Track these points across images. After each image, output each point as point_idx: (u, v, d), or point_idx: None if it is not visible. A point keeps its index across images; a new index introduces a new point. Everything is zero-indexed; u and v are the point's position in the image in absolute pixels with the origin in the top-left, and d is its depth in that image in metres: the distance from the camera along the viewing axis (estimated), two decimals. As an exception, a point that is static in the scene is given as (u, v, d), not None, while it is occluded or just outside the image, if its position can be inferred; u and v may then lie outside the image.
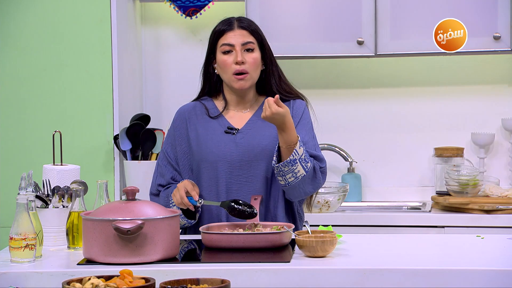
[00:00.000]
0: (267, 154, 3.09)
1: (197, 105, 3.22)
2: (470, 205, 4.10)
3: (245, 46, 3.10)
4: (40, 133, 4.22)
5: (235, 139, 3.12)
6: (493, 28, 4.16)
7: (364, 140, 4.63)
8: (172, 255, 2.62)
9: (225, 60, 3.10)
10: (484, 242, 2.87)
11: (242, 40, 3.11)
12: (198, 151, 3.13)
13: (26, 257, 2.62)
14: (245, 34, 3.12)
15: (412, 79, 4.60)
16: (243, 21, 3.15)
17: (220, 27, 3.15)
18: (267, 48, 3.17)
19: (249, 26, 3.14)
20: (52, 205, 2.96)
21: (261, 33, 3.17)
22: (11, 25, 4.25)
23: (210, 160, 3.10)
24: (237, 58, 3.08)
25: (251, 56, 3.11)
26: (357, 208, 4.45)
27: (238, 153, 3.10)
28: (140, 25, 4.68)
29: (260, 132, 3.13)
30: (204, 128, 3.16)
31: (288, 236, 2.79)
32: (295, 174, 2.98)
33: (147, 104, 4.70)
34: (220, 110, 3.18)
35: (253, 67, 3.10)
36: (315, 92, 4.58)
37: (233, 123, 3.16)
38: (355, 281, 2.45)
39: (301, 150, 2.97)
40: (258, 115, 3.16)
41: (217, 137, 3.13)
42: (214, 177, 3.10)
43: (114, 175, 4.25)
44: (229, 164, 3.09)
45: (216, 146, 3.11)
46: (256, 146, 3.10)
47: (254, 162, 3.09)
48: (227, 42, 3.11)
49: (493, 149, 4.54)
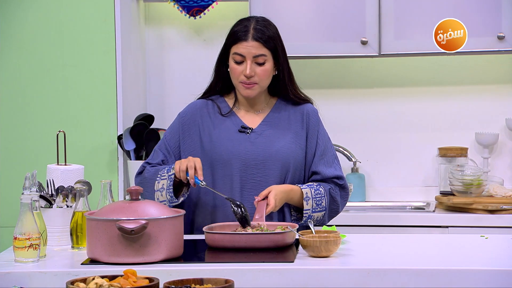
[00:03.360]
0: (282, 156, 3.10)
1: (209, 103, 3.21)
2: (474, 205, 4.09)
3: (256, 59, 3.07)
4: (44, 133, 4.23)
5: (250, 139, 3.13)
6: (497, 28, 4.16)
7: (368, 140, 4.63)
8: (176, 255, 2.62)
9: (235, 68, 3.09)
10: (488, 242, 2.87)
11: (254, 53, 3.06)
12: (211, 148, 3.12)
13: (30, 257, 2.62)
14: (258, 46, 3.07)
15: (416, 79, 4.60)
16: (258, 31, 3.08)
17: (236, 33, 3.09)
18: (282, 56, 3.13)
19: (262, 37, 3.07)
20: (56, 205, 2.96)
21: (277, 41, 3.11)
22: (15, 26, 4.26)
23: (224, 158, 3.10)
24: (245, 72, 3.06)
25: (262, 69, 3.08)
26: (361, 208, 4.45)
27: (253, 152, 3.10)
28: (144, 25, 4.68)
29: (275, 133, 3.14)
30: (217, 127, 3.15)
31: (291, 236, 2.79)
32: (318, 217, 3.11)
33: (151, 104, 4.70)
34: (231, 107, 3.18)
35: (263, 78, 3.09)
36: (319, 92, 4.58)
37: (247, 123, 3.16)
38: (358, 281, 2.45)
39: (309, 204, 3.08)
40: (271, 117, 3.17)
41: (231, 135, 3.13)
42: (228, 175, 3.10)
43: (118, 175, 4.26)
44: (243, 163, 3.09)
45: (231, 144, 3.11)
46: (271, 147, 3.11)
47: (269, 162, 3.09)
48: (239, 52, 3.07)
49: (497, 149, 4.53)
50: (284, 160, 3.09)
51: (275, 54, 3.10)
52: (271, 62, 3.10)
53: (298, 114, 3.18)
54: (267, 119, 3.17)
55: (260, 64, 3.08)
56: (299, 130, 3.16)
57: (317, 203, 3.08)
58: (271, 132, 3.14)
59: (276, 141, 3.12)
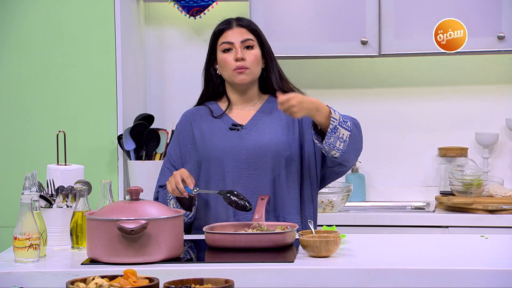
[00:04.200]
0: (272, 147, 3.09)
1: (201, 107, 3.24)
2: (474, 205, 4.09)
3: (244, 43, 3.13)
4: (44, 133, 4.23)
5: (240, 135, 3.13)
6: (497, 27, 4.16)
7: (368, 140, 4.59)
8: (176, 255, 2.62)
9: (225, 58, 3.13)
10: (488, 242, 2.87)
11: (242, 37, 3.14)
12: (203, 148, 3.14)
13: (30, 257, 2.62)
14: (244, 31, 3.15)
15: (416, 79, 4.60)
16: (242, 20, 3.19)
17: (219, 27, 3.18)
18: (267, 46, 3.19)
19: (248, 25, 3.18)
20: (56, 205, 2.96)
21: (261, 32, 3.20)
22: (15, 25, 4.26)
23: (216, 155, 3.11)
24: (237, 55, 3.11)
25: (251, 53, 3.13)
26: (361, 208, 4.45)
27: (243, 148, 3.11)
28: (144, 25, 4.69)
29: (265, 127, 3.14)
30: (208, 127, 3.17)
31: (291, 236, 2.79)
32: (342, 139, 2.94)
33: (151, 104, 4.70)
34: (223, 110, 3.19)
35: (253, 63, 3.13)
36: (319, 92, 4.58)
37: (238, 120, 3.17)
38: (359, 281, 2.45)
39: (337, 115, 2.92)
40: (262, 111, 3.18)
41: (222, 133, 3.14)
42: (220, 172, 3.11)
43: (118, 175, 4.26)
44: (235, 159, 3.10)
45: (221, 142, 3.12)
46: (261, 141, 3.11)
47: (261, 156, 3.10)
48: (226, 41, 3.14)
49: (497, 149, 4.53)
50: (275, 152, 3.09)
51: (261, 44, 3.17)
52: (258, 49, 3.15)
53: None
54: (257, 114, 3.18)
55: (249, 48, 3.13)
56: (290, 121, 3.15)
57: (344, 119, 2.95)
58: (261, 126, 3.15)
59: (267, 134, 3.12)
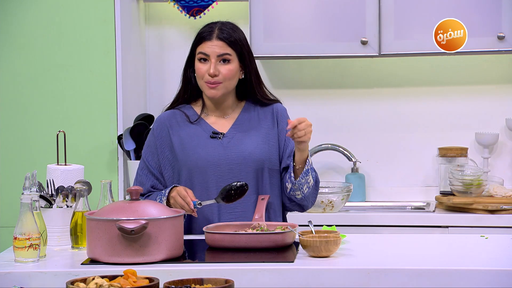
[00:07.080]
0: (255, 158, 3.10)
1: (176, 112, 3.20)
2: (474, 205, 4.09)
3: (220, 57, 3.08)
4: (44, 133, 4.23)
5: (222, 144, 3.12)
6: (497, 28, 4.16)
7: (368, 140, 4.63)
8: (176, 255, 2.62)
9: (200, 68, 3.10)
10: (488, 242, 2.87)
11: (218, 52, 3.08)
12: (184, 156, 3.11)
13: (30, 257, 2.62)
14: (222, 45, 3.08)
15: (416, 79, 4.60)
16: (223, 31, 3.10)
17: (201, 34, 3.12)
18: (247, 58, 3.13)
19: (228, 37, 3.09)
20: (56, 205, 2.96)
21: (242, 44, 3.11)
22: (15, 25, 4.26)
23: (199, 165, 3.10)
24: (209, 70, 3.07)
25: (226, 68, 3.08)
26: (361, 208, 4.45)
27: (226, 157, 3.10)
28: (144, 25, 4.68)
29: (246, 136, 3.14)
30: (187, 134, 3.14)
31: (291, 236, 2.79)
32: (308, 184, 3.07)
33: (151, 104, 4.70)
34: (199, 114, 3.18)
35: (227, 77, 3.08)
36: (318, 92, 4.58)
37: (217, 128, 3.15)
38: (359, 281, 2.45)
39: (311, 160, 3.07)
40: (241, 119, 3.17)
41: (203, 142, 3.12)
42: (203, 182, 3.09)
43: (118, 175, 4.26)
44: (218, 169, 3.09)
45: (204, 151, 3.10)
46: (244, 150, 3.11)
47: (243, 166, 3.10)
48: (203, 51, 3.09)
49: (497, 149, 4.53)
50: (258, 162, 3.10)
51: (241, 57, 3.11)
52: (236, 62, 3.10)
53: (268, 113, 3.19)
54: (237, 122, 3.17)
55: (225, 62, 3.08)
56: (269, 129, 3.16)
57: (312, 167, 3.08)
58: (242, 135, 3.14)
59: (249, 144, 3.12)
